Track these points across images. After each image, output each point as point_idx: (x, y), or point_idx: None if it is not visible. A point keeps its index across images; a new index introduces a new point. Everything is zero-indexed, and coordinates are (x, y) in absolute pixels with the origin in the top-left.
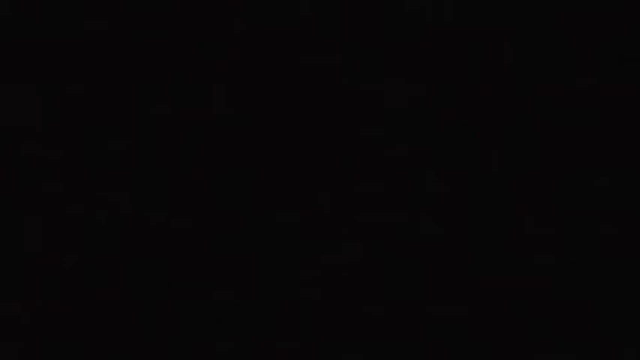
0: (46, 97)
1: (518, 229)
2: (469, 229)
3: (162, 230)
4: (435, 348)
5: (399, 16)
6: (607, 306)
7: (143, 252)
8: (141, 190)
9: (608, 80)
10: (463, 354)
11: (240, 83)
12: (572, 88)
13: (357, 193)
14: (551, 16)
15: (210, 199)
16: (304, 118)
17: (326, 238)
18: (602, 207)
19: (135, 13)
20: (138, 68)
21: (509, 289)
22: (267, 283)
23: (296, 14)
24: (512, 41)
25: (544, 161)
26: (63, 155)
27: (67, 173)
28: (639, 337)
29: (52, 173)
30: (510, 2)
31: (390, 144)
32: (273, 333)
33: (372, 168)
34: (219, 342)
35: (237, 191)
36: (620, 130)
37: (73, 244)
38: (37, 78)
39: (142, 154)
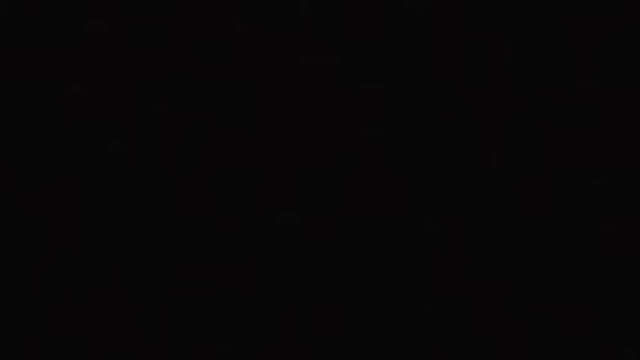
0: (46, 97)
1: (518, 229)
2: (469, 229)
3: (162, 230)
4: (435, 348)
5: (399, 16)
6: (607, 306)
7: (143, 252)
8: (141, 190)
9: (608, 80)
10: (463, 354)
11: (240, 83)
12: (572, 88)
13: (357, 192)
14: (551, 16)
15: (210, 199)
16: (304, 118)
17: (326, 238)
18: (602, 207)
19: (135, 13)
20: (138, 68)
21: (510, 289)
22: (267, 283)
23: (296, 14)
24: (512, 41)
25: (544, 161)
26: (63, 155)
27: (67, 173)
28: (639, 337)
29: (53, 173)
30: (510, 2)
31: (390, 144)
32: (273, 333)
33: (372, 168)
34: (219, 342)
35: (237, 191)
36: (620, 130)
37: (73, 244)
38: (37, 78)
39: (142, 154)
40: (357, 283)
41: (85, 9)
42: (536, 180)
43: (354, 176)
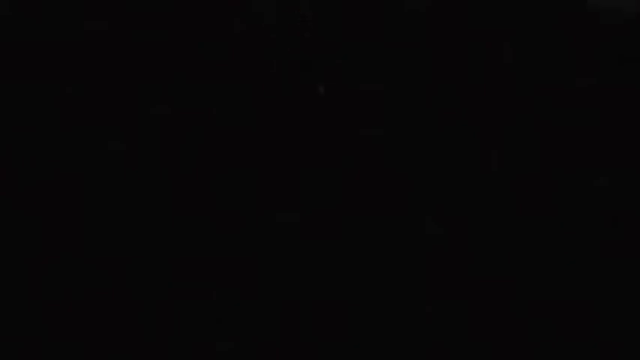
0: (46, 97)
1: (518, 229)
2: (469, 229)
3: (162, 230)
4: (435, 348)
5: (399, 16)
6: (607, 306)
7: (143, 252)
8: (141, 190)
9: (608, 80)
10: (463, 354)
11: (240, 83)
12: (572, 88)
13: (357, 192)
14: (551, 16)
15: (210, 199)
16: (304, 117)
17: (326, 238)
18: (602, 207)
19: (135, 13)
20: (138, 68)
21: (510, 289)
22: (267, 283)
23: (296, 14)
24: (512, 41)
25: (544, 161)
26: (63, 155)
27: (67, 173)
28: (639, 337)
29: (53, 173)
30: (510, 2)
31: (390, 144)
32: (273, 333)
33: (372, 168)
34: (219, 342)
35: (237, 191)
36: (620, 130)
37: (73, 244)
38: (37, 78)
39: (142, 154)
40: (357, 283)
41: (85, 9)
42: (536, 180)
43: (354, 176)
